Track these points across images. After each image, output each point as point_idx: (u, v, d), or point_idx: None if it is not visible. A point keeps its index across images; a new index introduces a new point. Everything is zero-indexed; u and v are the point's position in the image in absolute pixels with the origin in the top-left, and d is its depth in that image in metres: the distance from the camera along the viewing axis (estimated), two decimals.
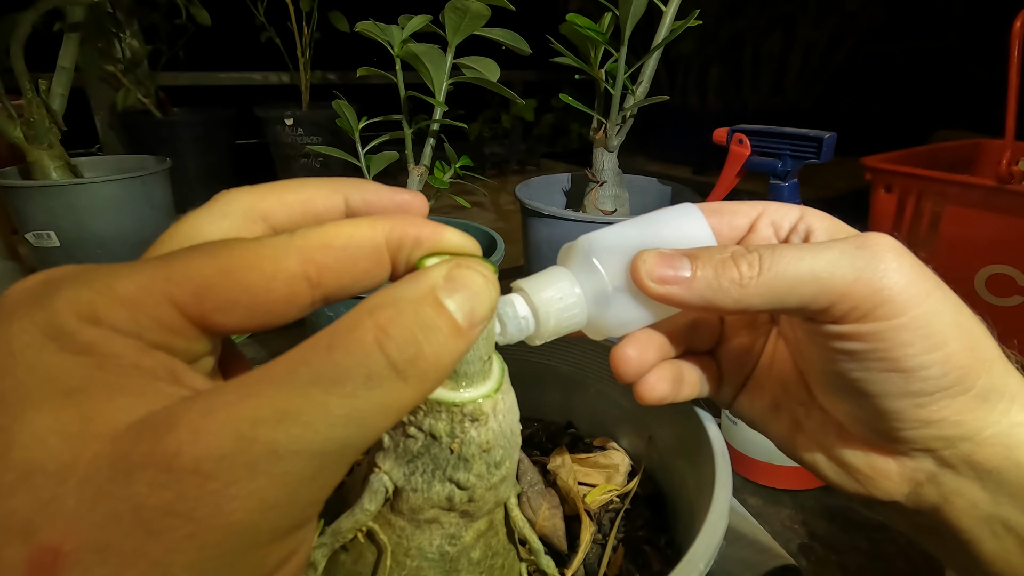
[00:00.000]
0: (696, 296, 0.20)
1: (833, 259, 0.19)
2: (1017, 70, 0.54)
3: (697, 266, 0.20)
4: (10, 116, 0.63)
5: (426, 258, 0.16)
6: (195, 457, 0.10)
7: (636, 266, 0.20)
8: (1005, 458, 0.19)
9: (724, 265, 0.20)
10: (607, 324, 0.22)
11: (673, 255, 0.20)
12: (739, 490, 0.46)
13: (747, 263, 0.20)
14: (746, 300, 0.20)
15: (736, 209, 0.24)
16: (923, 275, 0.20)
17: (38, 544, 0.10)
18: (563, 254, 0.23)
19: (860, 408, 0.21)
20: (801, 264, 0.19)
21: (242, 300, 0.13)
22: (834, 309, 0.19)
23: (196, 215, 0.16)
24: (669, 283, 0.20)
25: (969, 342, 0.19)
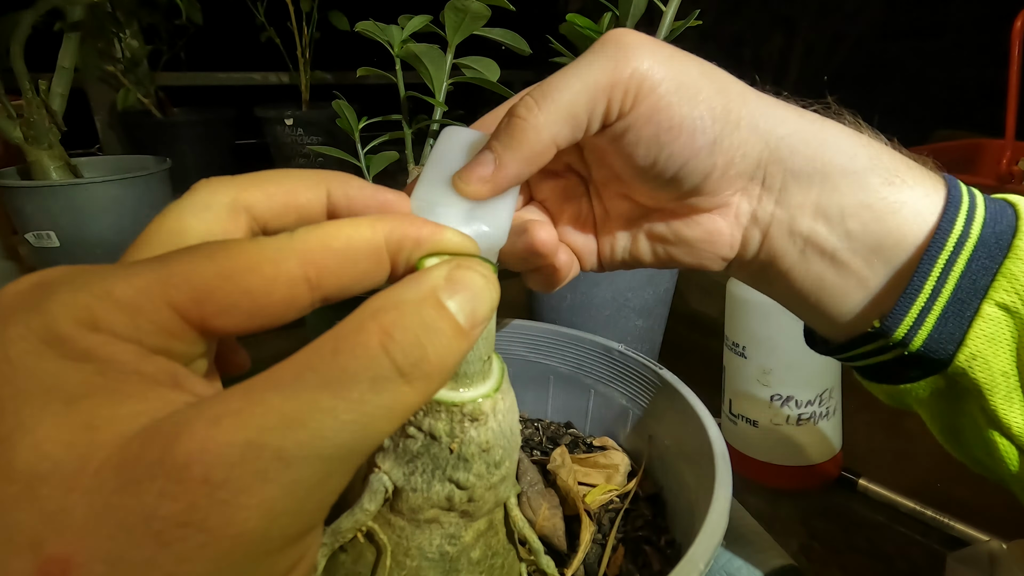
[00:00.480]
0: (513, 165, 0.21)
1: (587, 63, 0.21)
2: (1017, 70, 0.54)
3: (494, 146, 0.21)
4: (10, 116, 0.62)
5: (426, 258, 0.16)
6: (204, 466, 0.10)
7: (459, 189, 0.21)
8: (784, 172, 0.22)
9: (510, 125, 0.21)
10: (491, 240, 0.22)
11: (474, 160, 0.21)
12: (739, 490, 0.45)
13: (523, 106, 0.21)
14: (545, 133, 0.21)
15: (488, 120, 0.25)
16: (662, 46, 0.22)
17: (47, 556, 0.10)
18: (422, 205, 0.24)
19: (677, 185, 0.23)
20: (565, 80, 0.21)
21: (242, 303, 0.13)
22: (612, 105, 0.21)
23: (178, 207, 0.16)
24: (489, 179, 0.21)
25: (718, 85, 0.22)
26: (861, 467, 0.46)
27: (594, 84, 0.21)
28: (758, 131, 0.22)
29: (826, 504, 0.44)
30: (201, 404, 0.11)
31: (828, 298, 0.23)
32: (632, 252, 0.27)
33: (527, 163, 0.21)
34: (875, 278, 0.22)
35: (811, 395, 0.43)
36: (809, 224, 0.22)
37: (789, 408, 0.44)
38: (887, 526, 0.42)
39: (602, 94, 0.21)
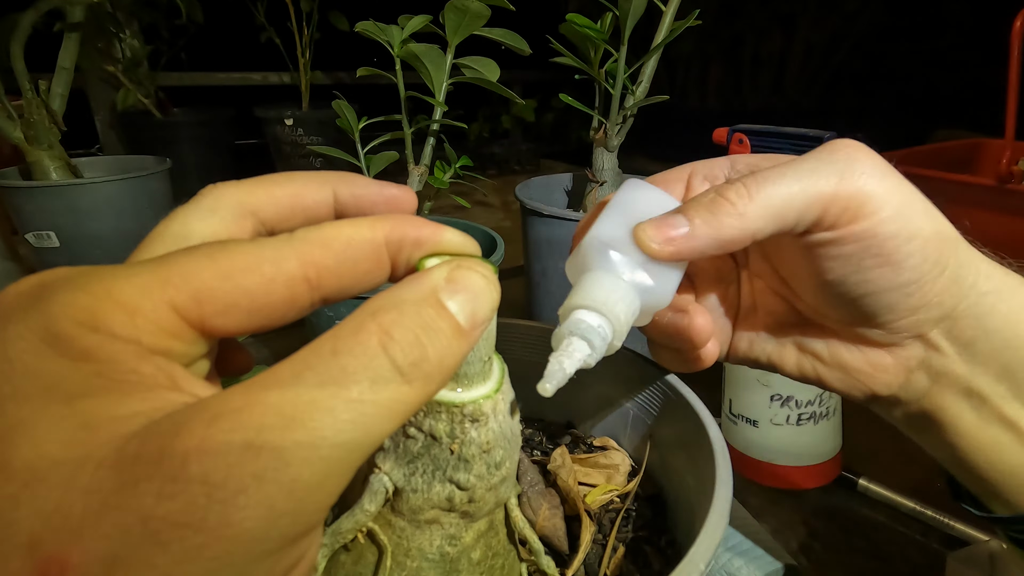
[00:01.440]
0: (705, 241, 0.21)
1: (812, 168, 0.20)
2: (1017, 70, 0.54)
3: (690, 215, 0.21)
4: (10, 116, 0.62)
5: (426, 259, 0.16)
6: (203, 466, 0.10)
7: (640, 240, 0.21)
8: (976, 327, 0.21)
9: (715, 203, 0.21)
10: (653, 300, 0.22)
11: (664, 218, 0.21)
12: (739, 490, 0.46)
13: (734, 191, 0.20)
14: (749, 225, 0.20)
15: (668, 178, 0.25)
16: (891, 170, 0.21)
17: (44, 556, 0.10)
18: (575, 267, 0.23)
19: (856, 310, 0.22)
20: (784, 179, 0.20)
21: (242, 303, 0.13)
22: (826, 216, 0.20)
23: (184, 211, 0.16)
24: (675, 241, 0.21)
25: (937, 226, 0.21)
26: (861, 467, 0.46)
27: (815, 192, 0.20)
28: (961, 283, 0.21)
29: (826, 504, 0.44)
30: (199, 404, 0.11)
31: (1003, 467, 0.21)
32: (773, 357, 0.25)
33: (719, 246, 0.21)
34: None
35: (811, 395, 0.43)
36: (991, 385, 0.21)
37: (789, 408, 0.44)
38: (887, 526, 0.42)
39: (819, 204, 0.20)
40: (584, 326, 0.20)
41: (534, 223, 0.55)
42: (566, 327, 0.21)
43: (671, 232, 0.21)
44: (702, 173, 0.25)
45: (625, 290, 0.21)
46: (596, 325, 0.21)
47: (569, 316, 0.21)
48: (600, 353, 0.21)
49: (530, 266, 0.58)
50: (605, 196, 0.26)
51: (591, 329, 0.20)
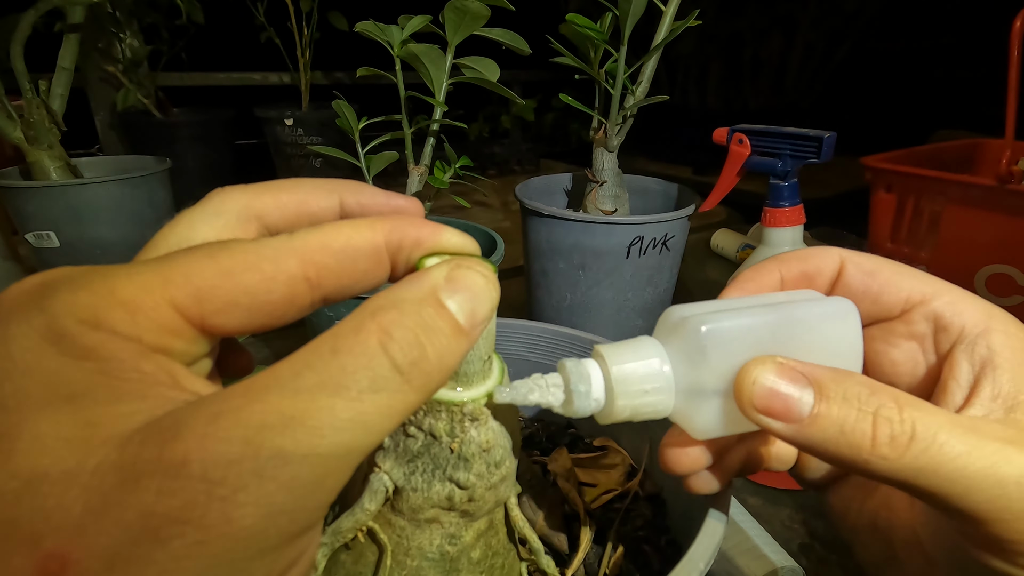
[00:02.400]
0: (803, 441, 0.16)
1: (1005, 481, 0.15)
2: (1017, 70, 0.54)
3: (822, 407, 0.16)
4: (10, 116, 0.62)
5: (426, 258, 0.16)
6: (203, 464, 0.10)
7: (742, 386, 0.17)
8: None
9: (858, 424, 0.16)
10: (691, 422, 0.19)
11: (796, 376, 0.16)
12: (739, 490, 0.46)
13: (890, 435, 0.15)
14: (867, 470, 0.16)
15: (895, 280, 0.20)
16: None
17: (45, 552, 0.10)
18: (667, 325, 0.19)
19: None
20: (961, 472, 0.15)
21: (242, 302, 0.13)
22: (980, 533, 0.16)
23: (190, 214, 0.16)
24: (777, 417, 0.16)
25: None
26: None
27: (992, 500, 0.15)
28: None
29: None
30: (200, 402, 0.11)
31: None
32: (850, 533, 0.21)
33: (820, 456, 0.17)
34: None
35: None
36: None
37: None
38: None
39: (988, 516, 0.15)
40: (583, 388, 0.18)
41: (534, 223, 0.55)
42: (571, 367, 0.18)
43: (780, 405, 0.16)
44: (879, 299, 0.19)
45: (661, 393, 0.18)
46: (594, 397, 0.18)
47: (586, 360, 0.18)
48: (570, 414, 0.18)
49: (530, 266, 0.58)
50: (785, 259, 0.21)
51: (585, 395, 0.18)
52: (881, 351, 0.21)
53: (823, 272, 0.21)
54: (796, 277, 0.21)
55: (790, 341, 0.18)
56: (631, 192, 0.59)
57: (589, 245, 0.52)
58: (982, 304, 0.19)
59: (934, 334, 0.19)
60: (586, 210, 0.56)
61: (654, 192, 0.64)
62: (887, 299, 0.20)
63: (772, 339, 0.18)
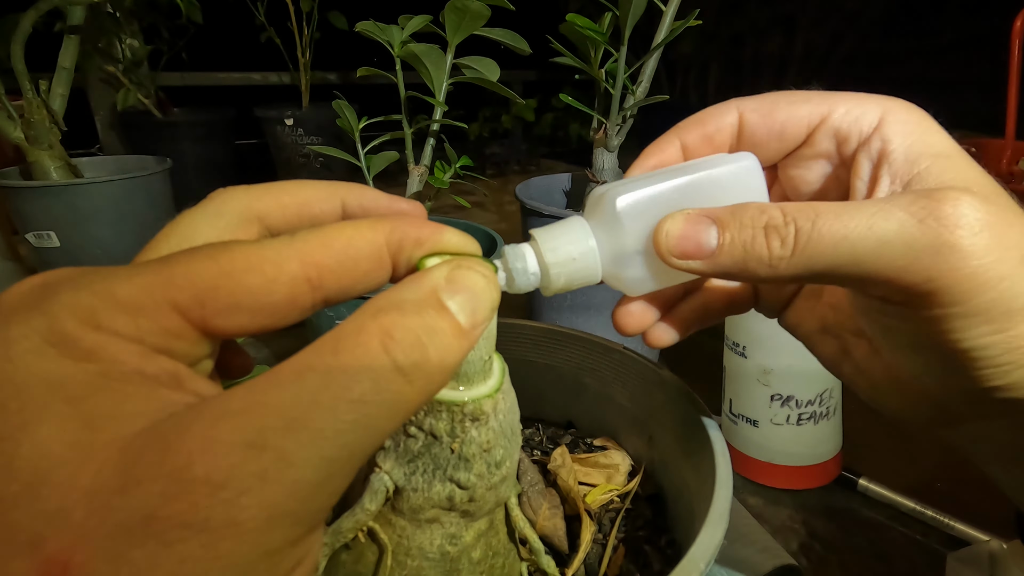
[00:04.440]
0: (719, 269, 0.19)
1: (885, 236, 0.16)
2: (1017, 70, 0.54)
3: (724, 236, 0.18)
4: (10, 116, 0.63)
5: (426, 259, 0.16)
6: (206, 466, 0.10)
7: (658, 239, 0.19)
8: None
9: (754, 241, 0.18)
10: (622, 284, 0.21)
11: (700, 219, 0.18)
12: (739, 490, 0.46)
13: (779, 239, 0.18)
14: (774, 276, 0.18)
15: (792, 111, 0.21)
16: (1001, 255, 0.16)
17: (47, 556, 0.10)
18: (591, 202, 0.21)
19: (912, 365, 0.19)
20: (842, 244, 0.17)
21: (244, 303, 0.13)
22: (878, 290, 0.18)
23: (191, 215, 0.16)
24: (691, 257, 0.19)
25: None
26: (861, 467, 0.46)
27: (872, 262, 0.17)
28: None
29: (826, 504, 0.44)
30: (202, 404, 0.11)
31: None
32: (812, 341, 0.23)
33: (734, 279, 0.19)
34: None
35: (811, 395, 0.43)
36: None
37: (789, 408, 0.44)
38: (887, 526, 0.42)
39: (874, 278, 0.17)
40: (520, 264, 0.20)
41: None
42: (508, 250, 0.20)
43: (692, 245, 0.18)
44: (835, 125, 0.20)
45: (587, 260, 0.20)
46: (531, 271, 0.20)
47: (521, 244, 0.20)
48: (515, 291, 0.20)
49: None
50: None
51: (523, 272, 0.20)
52: (795, 176, 0.22)
53: (723, 129, 0.22)
54: (697, 141, 0.22)
55: (698, 199, 0.20)
56: None
57: None
58: (875, 101, 0.20)
59: (838, 147, 0.21)
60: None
61: None
62: (791, 131, 0.21)
63: (682, 200, 0.20)
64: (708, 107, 0.22)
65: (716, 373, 0.49)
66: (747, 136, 0.22)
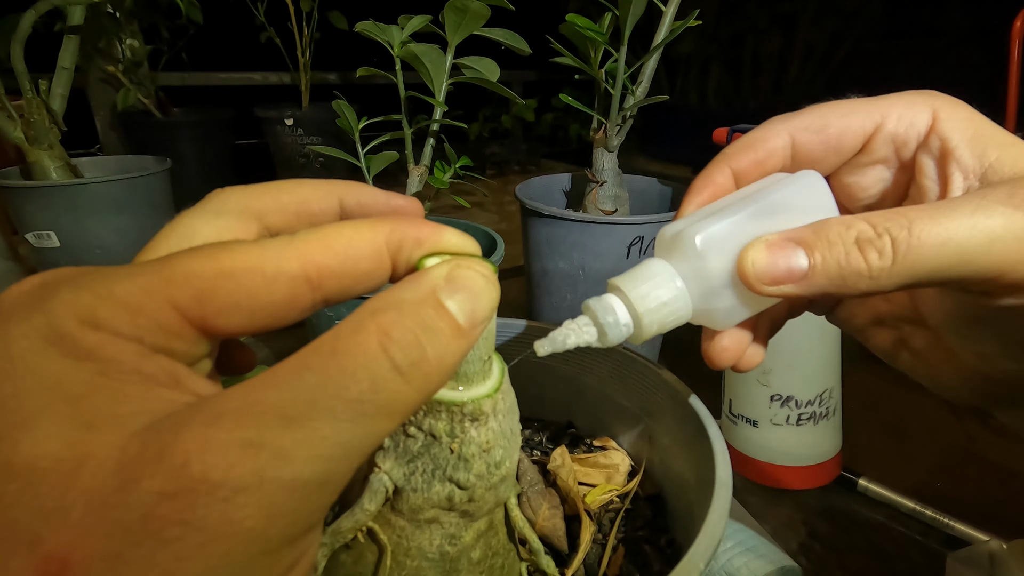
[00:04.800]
0: (815, 289, 0.18)
1: (991, 233, 0.16)
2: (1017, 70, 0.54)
3: (815, 257, 0.18)
4: (10, 116, 0.62)
5: (426, 258, 0.16)
6: (204, 465, 0.10)
7: (744, 270, 0.18)
8: None
9: (849, 256, 0.17)
10: (714, 319, 0.21)
11: (784, 244, 0.18)
12: (739, 490, 0.46)
13: (876, 251, 0.17)
14: (876, 289, 0.18)
15: (845, 124, 0.21)
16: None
17: (45, 554, 0.10)
18: (664, 242, 0.21)
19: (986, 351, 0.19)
20: (947, 246, 0.16)
21: (243, 303, 0.13)
22: (986, 287, 0.17)
23: (190, 214, 0.16)
24: (782, 282, 0.18)
25: None
26: (861, 467, 0.46)
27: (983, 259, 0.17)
28: None
29: (826, 504, 0.44)
30: (201, 403, 0.11)
31: None
32: (867, 335, 0.23)
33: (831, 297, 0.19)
34: None
35: (811, 395, 0.43)
36: None
37: (789, 408, 0.44)
38: (887, 526, 0.42)
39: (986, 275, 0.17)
40: (611, 318, 0.20)
41: (534, 223, 0.55)
42: (595, 304, 0.20)
43: (783, 271, 0.18)
44: (891, 131, 0.20)
45: (676, 301, 0.20)
46: (623, 323, 0.20)
47: (607, 296, 0.20)
48: (608, 344, 0.20)
49: (530, 266, 0.58)
50: None
51: (615, 325, 0.20)
52: (851, 183, 0.22)
53: (774, 152, 0.22)
54: (749, 167, 0.22)
55: (772, 222, 0.20)
56: (631, 192, 0.59)
57: (589, 245, 0.52)
58: (924, 101, 0.20)
59: (896, 152, 0.21)
60: (586, 210, 0.56)
61: (654, 192, 0.64)
62: (847, 144, 0.21)
63: (757, 226, 0.20)
64: (755, 130, 0.22)
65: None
66: (802, 155, 0.21)
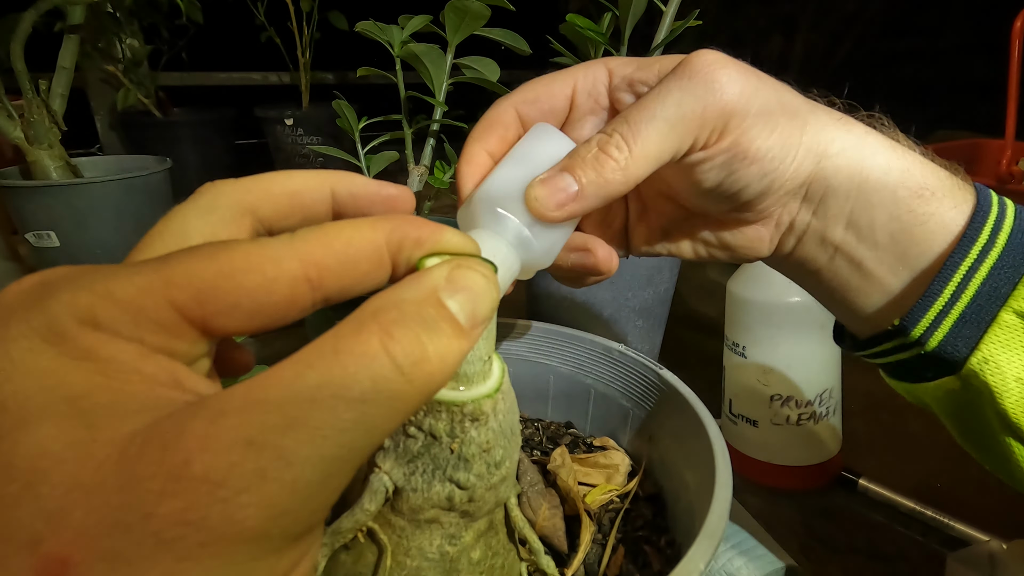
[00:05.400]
0: (592, 200, 0.21)
1: (677, 100, 0.21)
2: (1017, 70, 0.54)
3: (578, 174, 0.21)
4: (10, 116, 0.62)
5: (426, 258, 0.16)
6: (205, 465, 0.10)
7: (531, 205, 0.21)
8: (825, 188, 0.23)
9: (599, 160, 0.21)
10: (536, 260, 0.23)
11: (554, 177, 0.21)
12: (739, 490, 0.46)
13: (615, 146, 0.21)
14: (633, 175, 0.21)
15: (551, 92, 0.25)
16: (746, 74, 0.22)
17: (46, 554, 0.10)
18: (464, 219, 0.23)
19: (732, 203, 0.24)
20: (656, 123, 0.21)
21: (243, 303, 0.13)
22: (697, 142, 0.22)
23: (183, 210, 0.16)
24: (565, 204, 0.21)
25: (791, 109, 0.22)
26: (861, 467, 0.46)
27: (683, 124, 0.21)
28: (812, 152, 0.22)
29: (826, 504, 0.44)
30: (201, 403, 0.11)
31: (854, 299, 0.24)
32: (672, 248, 0.28)
33: (606, 200, 0.22)
34: (899, 283, 0.23)
35: (811, 395, 0.43)
36: (840, 235, 0.23)
37: (789, 408, 0.44)
38: (887, 526, 0.42)
39: (690, 135, 0.21)
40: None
41: None
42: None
43: (561, 195, 0.21)
44: (586, 90, 0.25)
45: (505, 254, 0.21)
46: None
47: None
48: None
49: None
50: None
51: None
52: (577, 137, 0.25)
53: (508, 126, 0.25)
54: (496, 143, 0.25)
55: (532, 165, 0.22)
56: None
57: None
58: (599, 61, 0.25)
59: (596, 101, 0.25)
60: None
61: None
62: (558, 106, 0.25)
63: (525, 174, 0.22)
64: (488, 111, 0.25)
65: (716, 373, 0.49)
66: (529, 123, 0.25)
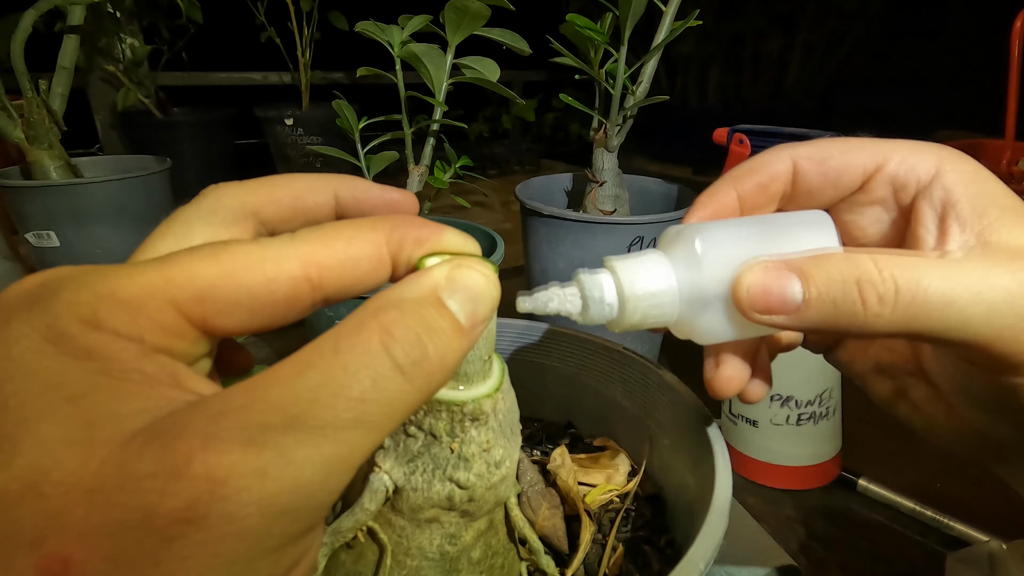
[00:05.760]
0: (805, 325, 0.18)
1: (994, 304, 0.16)
2: (1017, 70, 0.54)
3: (811, 290, 0.17)
4: (10, 116, 0.62)
5: (426, 258, 0.16)
6: (205, 464, 0.10)
7: (738, 293, 0.18)
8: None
9: (846, 295, 0.17)
10: (696, 330, 0.20)
11: (781, 269, 0.18)
12: (739, 490, 0.46)
13: (877, 295, 0.17)
14: (867, 332, 0.17)
15: (847, 159, 0.20)
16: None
17: (48, 554, 0.10)
18: (667, 239, 0.20)
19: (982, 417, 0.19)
20: (952, 307, 0.16)
21: (244, 303, 0.13)
22: (985, 360, 0.17)
23: (185, 212, 0.16)
24: (775, 312, 0.17)
25: None
26: (861, 467, 0.46)
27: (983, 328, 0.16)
28: None
29: (826, 504, 0.44)
30: (202, 402, 0.11)
31: None
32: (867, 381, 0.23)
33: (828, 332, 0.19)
34: None
35: (811, 395, 0.43)
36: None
37: (789, 408, 0.44)
38: (887, 526, 0.42)
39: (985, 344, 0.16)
40: (597, 294, 0.19)
41: (534, 223, 0.55)
42: (585, 277, 0.19)
43: (775, 297, 0.17)
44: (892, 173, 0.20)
45: (666, 298, 0.19)
46: (607, 302, 0.19)
47: (600, 272, 0.19)
48: (588, 321, 0.20)
49: (530, 266, 0.58)
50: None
51: (599, 301, 0.19)
52: (848, 221, 0.22)
53: (777, 177, 0.21)
54: (752, 190, 0.22)
55: (774, 244, 0.19)
56: (631, 192, 0.59)
57: (589, 245, 0.52)
58: (930, 150, 0.20)
59: (895, 195, 0.21)
60: (586, 210, 0.56)
61: (654, 192, 0.64)
62: (846, 179, 0.21)
63: (758, 244, 0.19)
64: (760, 154, 0.22)
65: None
66: (802, 184, 0.21)
